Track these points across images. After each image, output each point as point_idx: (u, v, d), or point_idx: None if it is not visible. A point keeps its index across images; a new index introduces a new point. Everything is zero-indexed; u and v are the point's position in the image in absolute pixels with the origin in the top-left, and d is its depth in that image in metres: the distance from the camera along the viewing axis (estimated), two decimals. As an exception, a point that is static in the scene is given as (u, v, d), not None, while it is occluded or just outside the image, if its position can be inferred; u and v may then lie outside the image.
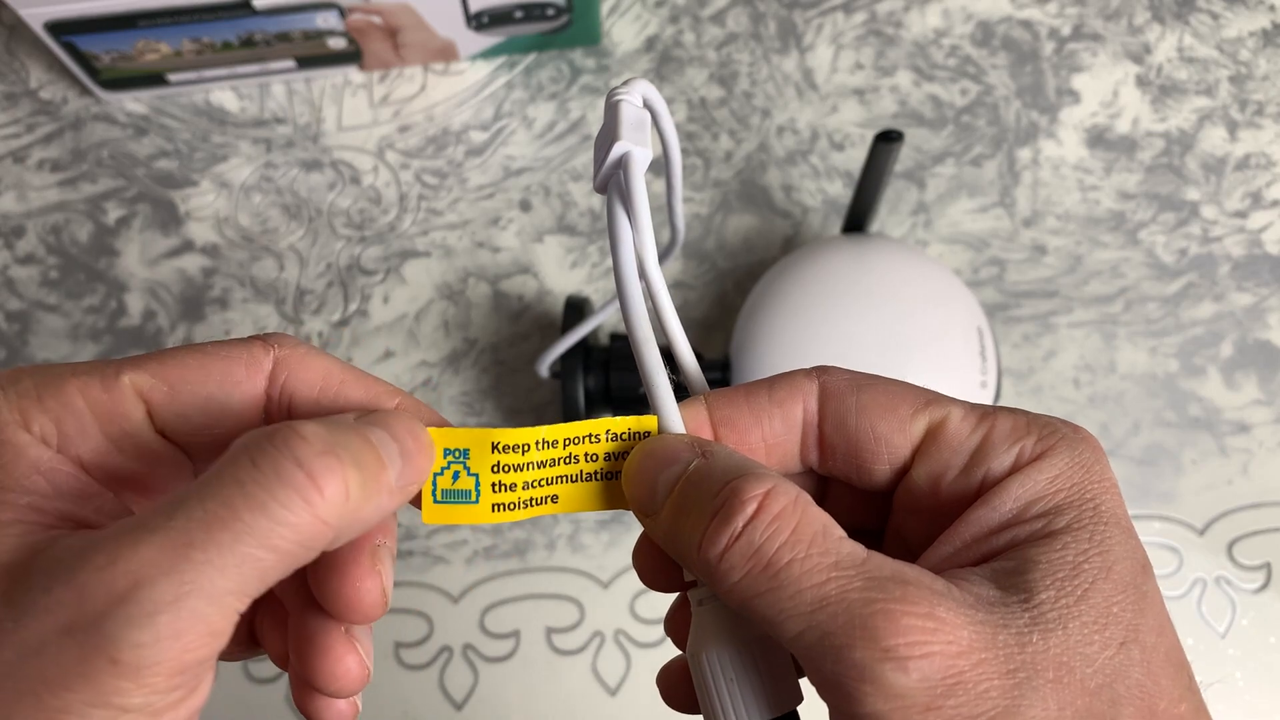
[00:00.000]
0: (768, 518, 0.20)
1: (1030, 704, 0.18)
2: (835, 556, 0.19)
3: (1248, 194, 0.53)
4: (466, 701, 0.48)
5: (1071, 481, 0.21)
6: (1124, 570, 0.20)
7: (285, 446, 0.18)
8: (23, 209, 0.54)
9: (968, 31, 0.55)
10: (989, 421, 0.22)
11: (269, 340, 0.21)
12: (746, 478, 0.20)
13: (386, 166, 0.54)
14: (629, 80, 0.23)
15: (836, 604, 0.19)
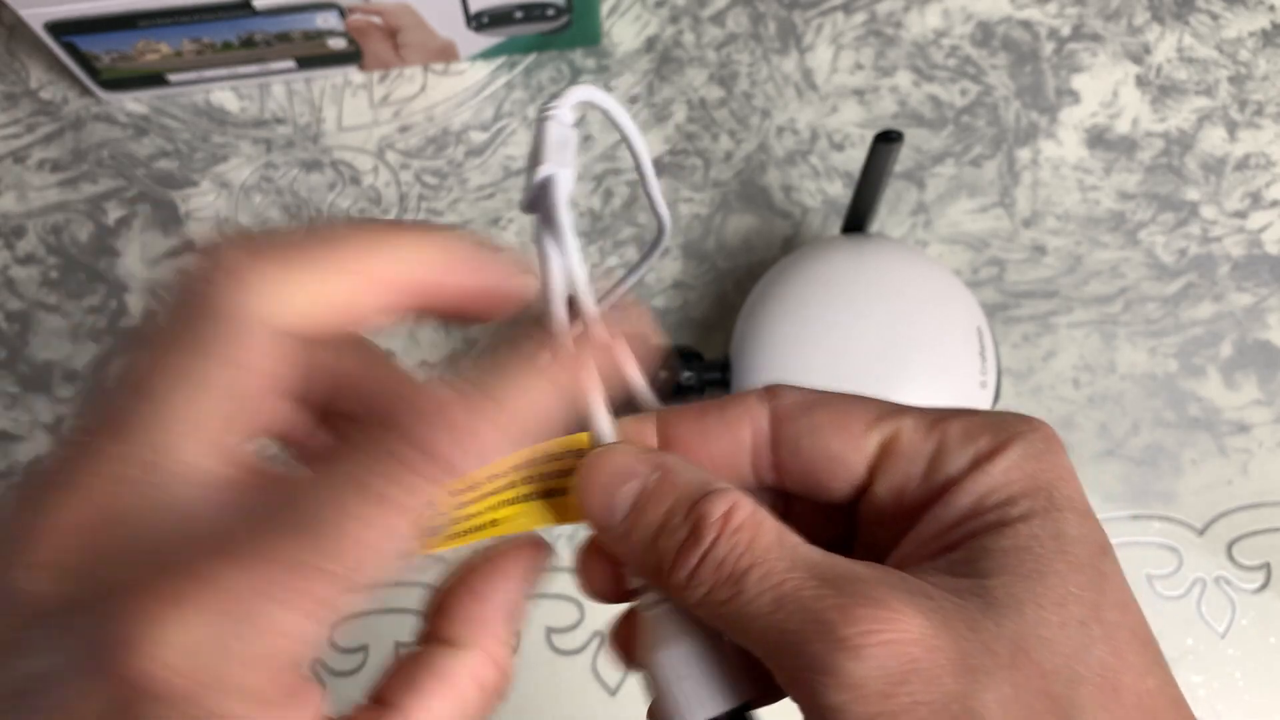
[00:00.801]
0: (730, 531, 0.20)
1: (983, 688, 0.18)
2: (790, 560, 0.20)
3: (1247, 194, 0.53)
4: (466, 701, 0.48)
5: (1025, 472, 0.21)
6: (1080, 552, 0.20)
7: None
8: (23, 209, 0.54)
9: (967, 32, 0.55)
10: (941, 428, 0.22)
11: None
12: (710, 497, 0.21)
13: (386, 167, 0.54)
14: (563, 91, 0.23)
15: (793, 603, 0.19)
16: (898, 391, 0.42)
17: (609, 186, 0.54)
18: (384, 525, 0.18)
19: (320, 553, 0.17)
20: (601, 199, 0.53)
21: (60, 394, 0.52)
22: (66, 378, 0.52)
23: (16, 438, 0.51)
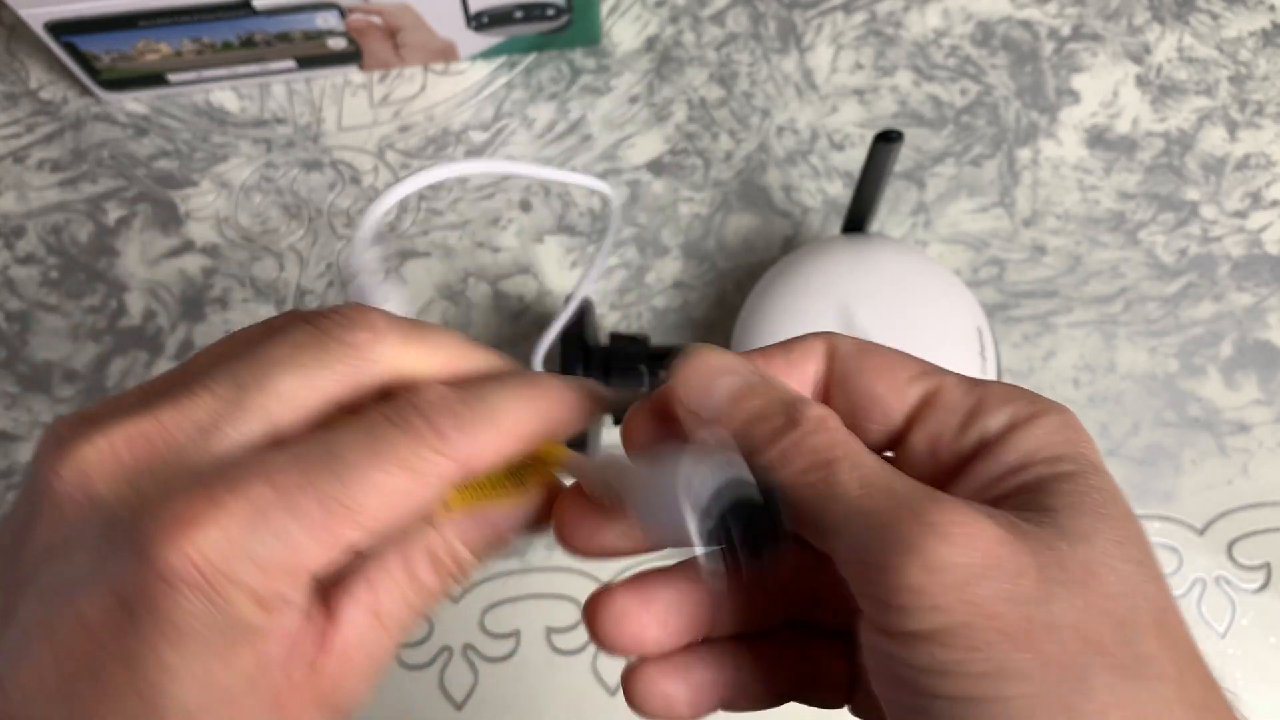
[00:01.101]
0: (824, 428, 0.22)
1: (1059, 597, 0.19)
2: (878, 463, 0.21)
3: (1247, 194, 0.53)
4: (466, 701, 0.48)
5: (1064, 437, 0.22)
6: (1124, 508, 0.21)
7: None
8: (23, 209, 0.54)
9: (967, 32, 0.55)
10: (980, 390, 0.23)
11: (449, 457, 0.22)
12: (807, 403, 0.22)
13: (386, 166, 0.54)
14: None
15: (882, 489, 0.20)
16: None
17: (609, 186, 0.54)
18: (400, 481, 0.21)
19: (345, 492, 0.20)
20: (601, 199, 0.53)
21: (60, 394, 0.52)
22: (66, 377, 0.52)
23: (16, 437, 0.51)
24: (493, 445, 0.23)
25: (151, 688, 0.19)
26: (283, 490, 0.20)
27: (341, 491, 0.20)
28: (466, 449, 0.22)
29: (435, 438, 0.21)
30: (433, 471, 0.21)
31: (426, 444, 0.21)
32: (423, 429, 0.21)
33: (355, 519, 0.20)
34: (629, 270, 0.53)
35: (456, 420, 0.22)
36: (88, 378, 0.52)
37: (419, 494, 0.21)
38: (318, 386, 0.22)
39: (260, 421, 0.21)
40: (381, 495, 0.21)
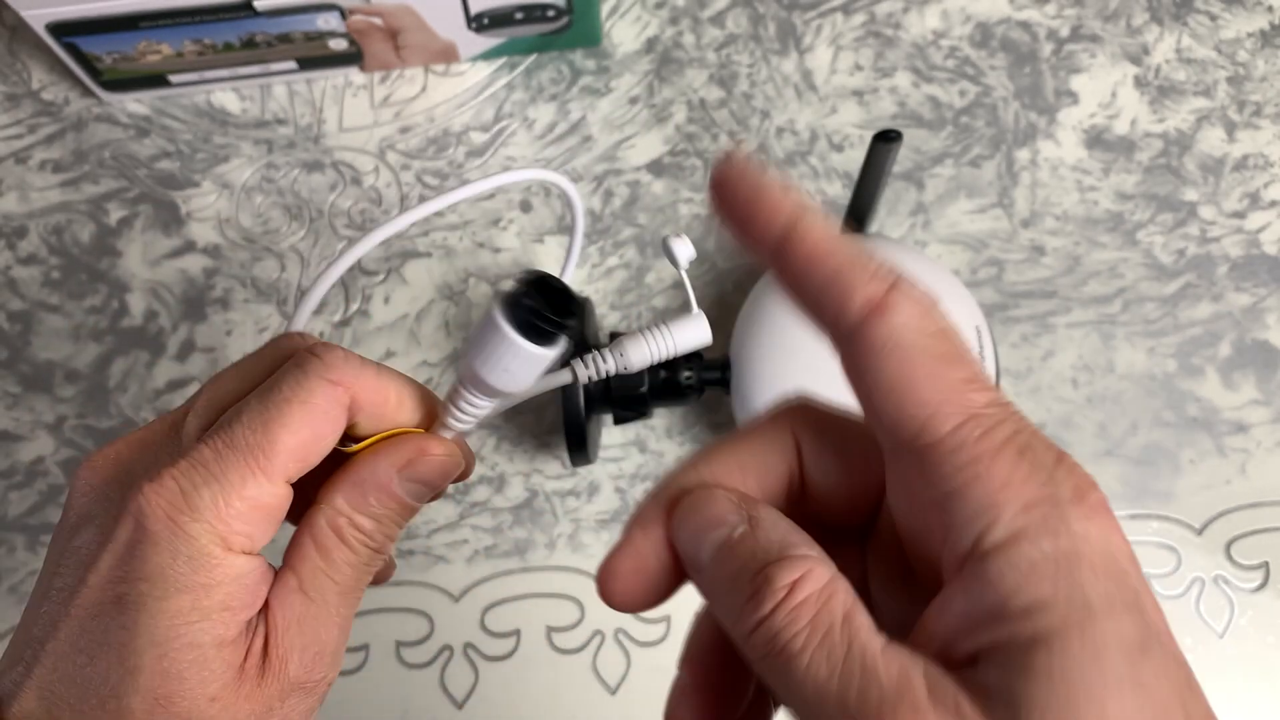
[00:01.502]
0: (791, 605, 0.20)
1: None
2: (843, 651, 0.19)
3: (1246, 194, 0.53)
4: (467, 700, 0.48)
5: (1053, 564, 0.19)
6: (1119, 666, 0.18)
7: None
8: (25, 209, 0.54)
9: (966, 33, 0.56)
10: (981, 464, 0.20)
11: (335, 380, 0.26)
12: (781, 564, 0.20)
13: (387, 167, 0.54)
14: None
15: (834, 706, 0.19)
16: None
17: (609, 187, 0.54)
18: (305, 411, 0.25)
19: (265, 435, 0.25)
20: (601, 199, 0.54)
21: (62, 394, 0.52)
22: (68, 377, 0.52)
23: (18, 437, 0.52)
24: (375, 379, 0.27)
25: (130, 622, 0.24)
26: (216, 447, 0.25)
27: (262, 437, 0.25)
28: (352, 376, 0.26)
29: (325, 368, 0.26)
30: (328, 395, 0.26)
31: (320, 375, 0.26)
32: (311, 363, 0.26)
33: (275, 452, 0.25)
34: (629, 270, 0.53)
35: (345, 356, 0.27)
36: (89, 378, 0.52)
37: (323, 419, 0.26)
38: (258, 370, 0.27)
39: (219, 401, 0.27)
40: (292, 427, 0.25)
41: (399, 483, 0.27)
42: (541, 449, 0.51)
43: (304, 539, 0.27)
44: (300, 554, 0.27)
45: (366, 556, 0.27)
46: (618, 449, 0.51)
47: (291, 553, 0.27)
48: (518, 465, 0.51)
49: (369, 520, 0.27)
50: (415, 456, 0.27)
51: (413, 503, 0.28)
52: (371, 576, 0.28)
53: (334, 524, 0.27)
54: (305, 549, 0.27)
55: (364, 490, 0.27)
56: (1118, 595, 0.18)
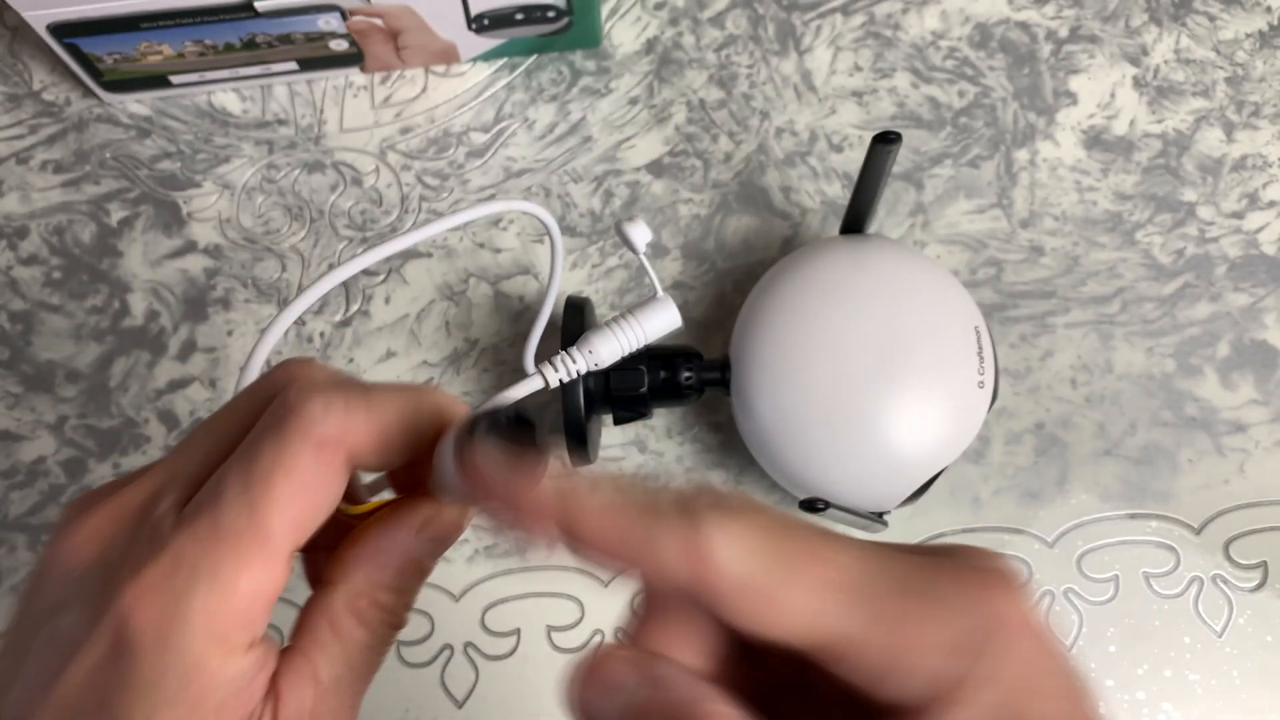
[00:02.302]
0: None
1: None
2: None
3: (1244, 195, 0.53)
4: (468, 699, 0.48)
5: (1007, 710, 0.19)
6: None
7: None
8: (26, 210, 0.54)
9: (965, 33, 0.56)
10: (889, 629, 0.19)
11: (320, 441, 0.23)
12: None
13: (388, 168, 0.55)
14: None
15: None
16: (897, 391, 0.42)
17: (609, 187, 0.54)
18: (294, 485, 0.22)
19: (250, 519, 0.22)
20: (602, 200, 0.54)
21: (63, 394, 0.52)
22: (69, 378, 0.52)
23: (20, 437, 0.52)
24: (367, 421, 0.23)
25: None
26: (201, 537, 0.22)
27: (250, 520, 0.22)
28: (340, 430, 0.23)
29: (307, 428, 0.22)
30: (316, 461, 0.22)
31: (303, 438, 0.22)
32: (290, 423, 0.22)
33: (268, 534, 0.22)
34: (629, 270, 0.53)
35: (326, 404, 0.23)
36: (90, 378, 0.52)
37: (315, 489, 0.23)
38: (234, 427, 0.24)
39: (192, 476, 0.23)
40: (281, 505, 0.22)
41: (419, 546, 0.25)
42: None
43: (318, 622, 0.24)
44: (314, 638, 0.24)
45: (386, 635, 0.25)
46: (618, 449, 0.51)
47: (303, 635, 0.24)
48: (518, 465, 0.51)
49: (391, 595, 0.25)
50: (432, 515, 0.25)
51: (432, 565, 0.26)
52: (388, 651, 0.26)
53: (354, 606, 0.24)
54: (320, 634, 0.24)
55: (384, 563, 0.24)
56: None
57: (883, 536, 0.49)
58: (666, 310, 0.29)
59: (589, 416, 0.45)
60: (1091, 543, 0.49)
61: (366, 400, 0.23)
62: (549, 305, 0.41)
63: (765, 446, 0.45)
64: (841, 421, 0.42)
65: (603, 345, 0.28)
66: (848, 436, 0.43)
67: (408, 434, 0.24)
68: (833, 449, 0.43)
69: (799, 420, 0.43)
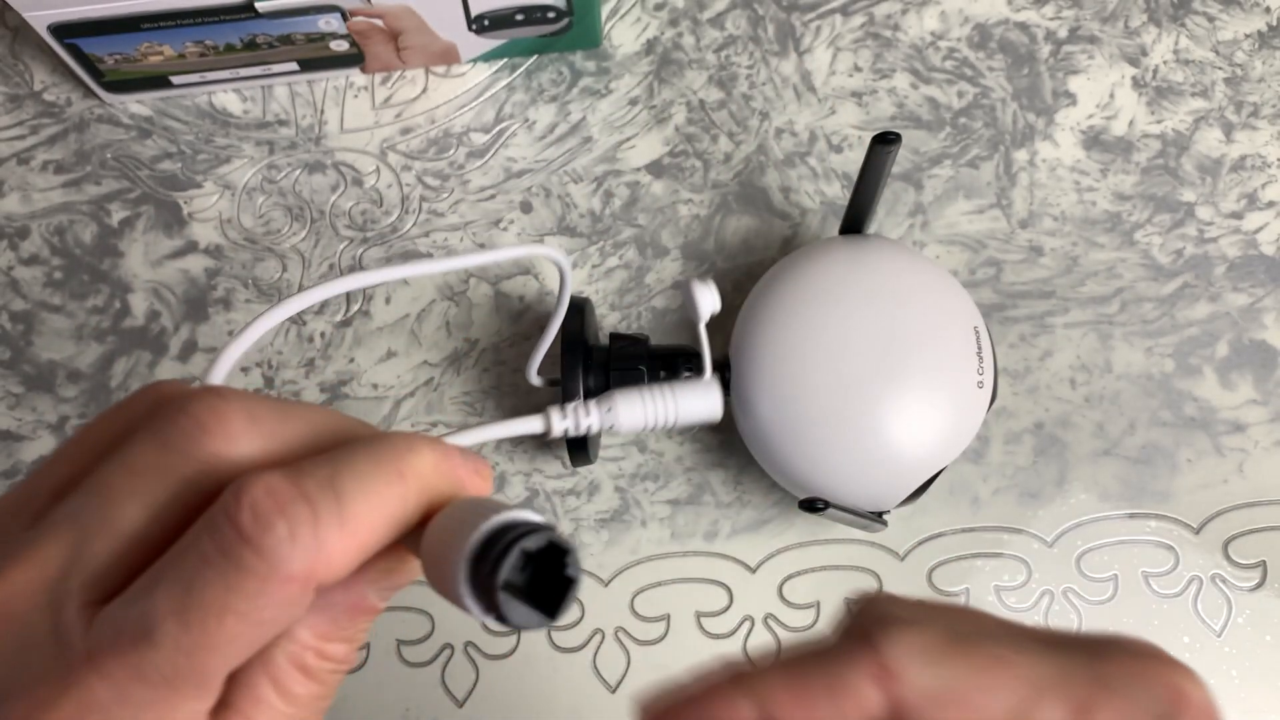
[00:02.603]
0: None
1: None
2: None
3: (1243, 195, 0.54)
4: (468, 698, 0.48)
5: None
6: None
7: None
8: (27, 210, 0.55)
9: (965, 34, 0.56)
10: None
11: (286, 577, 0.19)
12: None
13: (388, 168, 0.55)
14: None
15: None
16: (897, 390, 0.42)
17: (609, 187, 0.54)
18: (235, 631, 0.19)
19: (175, 668, 0.18)
20: (601, 200, 0.54)
21: (64, 394, 0.52)
22: (70, 378, 0.52)
23: (20, 437, 0.52)
24: (342, 548, 0.19)
25: None
26: (118, 680, 0.18)
27: (188, 665, 0.18)
28: (308, 562, 0.19)
29: (270, 565, 0.18)
30: (277, 603, 0.19)
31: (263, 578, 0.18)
32: (247, 559, 0.18)
33: (206, 677, 0.19)
34: (629, 271, 0.53)
35: (291, 535, 0.18)
36: (92, 378, 0.52)
37: (271, 630, 0.19)
38: (161, 512, 0.20)
39: (103, 571, 0.20)
40: (226, 653, 0.19)
41: (374, 594, 0.22)
42: (542, 449, 0.51)
43: (257, 679, 0.21)
44: (252, 696, 0.21)
45: (335, 684, 0.22)
46: (618, 448, 0.51)
47: (239, 695, 0.21)
48: (518, 465, 0.51)
49: (341, 645, 0.22)
50: (393, 566, 0.22)
51: (384, 605, 0.23)
52: (334, 696, 0.23)
53: (298, 661, 0.21)
54: (261, 691, 0.21)
55: (333, 615, 0.21)
56: None
57: (882, 536, 0.50)
58: (709, 397, 0.26)
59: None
60: (1090, 542, 0.49)
61: (339, 511, 0.19)
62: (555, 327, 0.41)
63: (765, 446, 0.45)
64: (841, 421, 0.43)
65: (626, 411, 0.25)
66: (847, 436, 0.43)
67: (390, 539, 0.20)
68: (832, 448, 0.43)
69: (799, 420, 0.43)
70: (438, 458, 0.21)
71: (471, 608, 0.19)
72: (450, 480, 0.21)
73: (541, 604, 0.19)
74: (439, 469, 0.21)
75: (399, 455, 0.20)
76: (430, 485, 0.21)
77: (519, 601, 0.19)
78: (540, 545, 0.19)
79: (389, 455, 0.20)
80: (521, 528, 0.19)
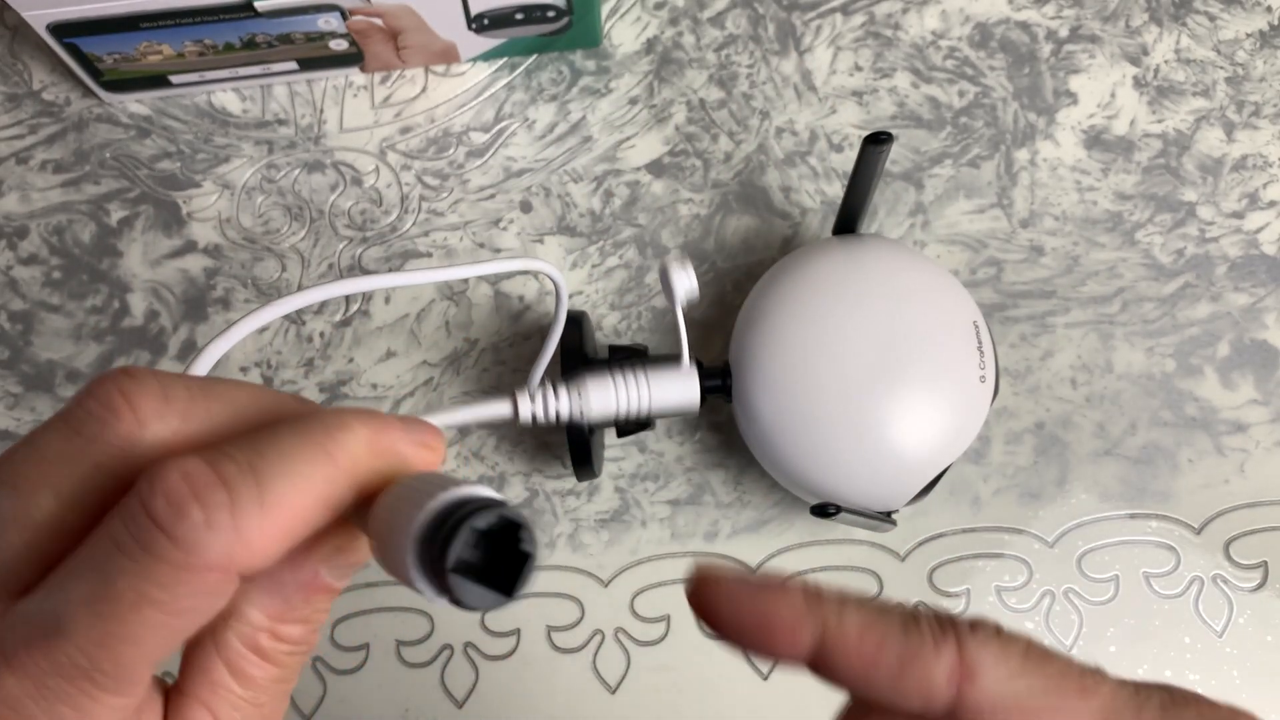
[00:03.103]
0: None
1: None
2: None
3: (1244, 195, 0.53)
4: (467, 699, 0.48)
5: None
6: None
7: None
8: (25, 210, 0.54)
9: (965, 33, 0.56)
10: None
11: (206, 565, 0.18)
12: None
13: (388, 168, 0.55)
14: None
15: None
16: (899, 388, 0.42)
17: (609, 187, 0.54)
18: (153, 623, 0.18)
19: (93, 661, 0.17)
20: (601, 199, 0.54)
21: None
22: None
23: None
24: (262, 534, 0.18)
25: None
26: (32, 675, 0.17)
27: (102, 657, 0.17)
28: (225, 551, 0.18)
29: (185, 551, 0.17)
30: (194, 591, 0.18)
31: (176, 566, 0.17)
32: (161, 547, 0.17)
33: (122, 671, 0.18)
34: (629, 270, 0.53)
35: (207, 518, 0.17)
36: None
37: (191, 622, 0.18)
38: (75, 501, 0.19)
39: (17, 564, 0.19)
40: (143, 643, 0.18)
41: (327, 572, 0.21)
42: (542, 449, 0.51)
43: (211, 664, 0.20)
44: (208, 681, 0.20)
45: (295, 666, 0.22)
46: (618, 449, 0.51)
47: (194, 679, 0.21)
48: (518, 465, 0.51)
49: (297, 626, 0.21)
50: (344, 543, 0.21)
51: (342, 585, 0.22)
52: (297, 679, 0.22)
53: (251, 643, 0.21)
54: (215, 675, 0.20)
55: (285, 595, 0.21)
56: None
57: (883, 537, 0.49)
58: (685, 384, 0.25)
59: (591, 430, 0.44)
60: (1091, 543, 0.49)
61: (260, 495, 0.18)
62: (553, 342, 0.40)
63: (770, 451, 0.45)
64: (847, 422, 0.42)
65: (597, 395, 0.24)
66: (854, 437, 0.42)
67: (319, 523, 0.19)
68: (838, 450, 0.43)
69: (803, 423, 0.43)
70: (372, 433, 0.20)
71: (424, 590, 0.18)
72: (389, 457, 0.20)
73: (498, 583, 0.18)
74: (374, 446, 0.20)
75: (327, 434, 0.19)
76: (364, 464, 0.19)
77: (472, 582, 0.18)
78: (491, 522, 0.18)
79: (316, 434, 0.19)
80: (471, 504, 0.18)
